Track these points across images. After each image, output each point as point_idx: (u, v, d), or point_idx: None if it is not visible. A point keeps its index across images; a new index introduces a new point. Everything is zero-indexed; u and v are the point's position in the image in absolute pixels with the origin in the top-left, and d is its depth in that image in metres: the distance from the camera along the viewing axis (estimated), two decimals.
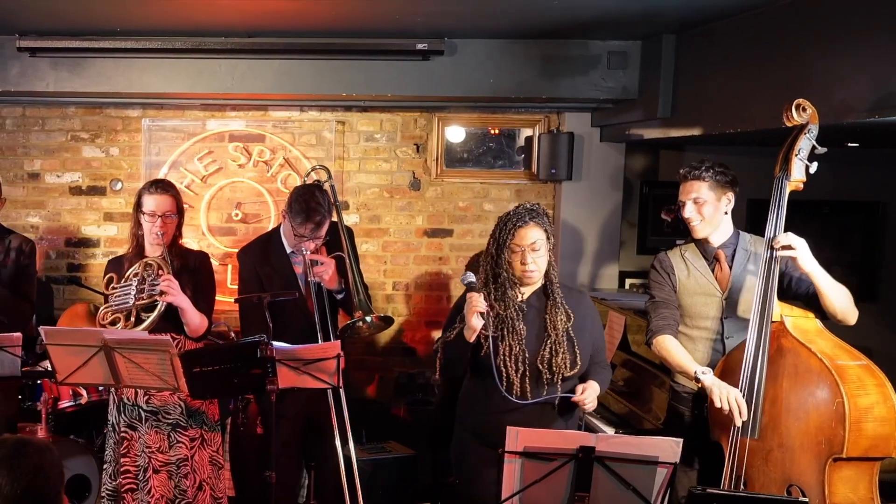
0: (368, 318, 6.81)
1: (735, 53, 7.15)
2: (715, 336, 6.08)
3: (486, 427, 5.74)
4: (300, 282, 7.00)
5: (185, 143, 9.76)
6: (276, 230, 7.19)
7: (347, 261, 6.74)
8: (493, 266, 5.74)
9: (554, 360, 5.60)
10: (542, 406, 5.68)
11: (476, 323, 5.45)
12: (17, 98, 9.37)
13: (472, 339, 5.51)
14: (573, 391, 5.68)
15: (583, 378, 5.81)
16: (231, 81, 8.66)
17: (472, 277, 5.61)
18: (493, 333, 5.56)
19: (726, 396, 5.47)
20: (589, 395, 5.61)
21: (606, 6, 7.05)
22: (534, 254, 5.61)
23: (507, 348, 5.60)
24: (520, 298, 5.75)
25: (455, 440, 6.10)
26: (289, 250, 7.01)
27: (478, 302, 5.46)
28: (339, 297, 6.87)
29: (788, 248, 5.47)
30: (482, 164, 10.00)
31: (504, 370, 5.58)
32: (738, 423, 5.42)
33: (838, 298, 5.58)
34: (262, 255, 7.15)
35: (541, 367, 5.61)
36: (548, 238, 5.71)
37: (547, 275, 5.78)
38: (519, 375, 5.58)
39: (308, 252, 6.74)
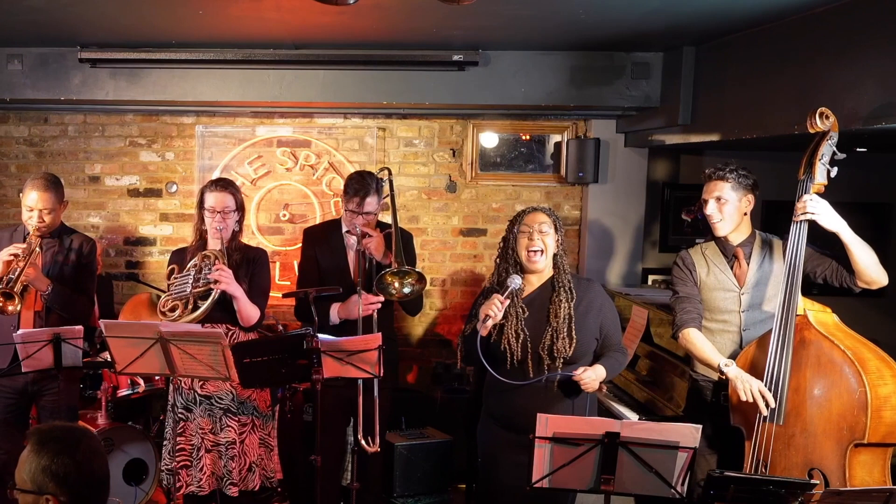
0: (408, 285, 6.80)
1: (751, 64, 7.16)
2: (734, 329, 6.09)
3: (499, 408, 5.90)
4: (349, 253, 7.14)
5: (236, 148, 9.81)
6: (340, 217, 7.32)
7: (394, 235, 6.78)
8: (503, 253, 5.87)
9: (554, 347, 5.65)
10: (546, 387, 5.75)
11: (487, 321, 5.54)
12: (78, 106, 9.46)
13: (484, 333, 5.60)
14: (570, 381, 5.73)
15: (595, 360, 5.86)
16: (279, 90, 8.71)
17: (516, 284, 5.67)
18: (500, 321, 5.64)
19: (750, 389, 5.50)
20: (588, 374, 5.61)
21: (631, 21, 7.06)
22: (541, 234, 5.71)
23: (511, 330, 5.68)
24: (527, 291, 5.84)
25: (480, 423, 6.16)
26: (345, 230, 7.12)
27: (495, 304, 5.55)
28: (381, 272, 6.89)
29: (809, 213, 5.49)
30: (514, 167, 10.01)
31: (507, 350, 5.67)
32: (766, 412, 5.42)
33: (864, 256, 5.59)
34: (321, 232, 7.38)
35: (542, 353, 5.67)
36: (556, 229, 5.79)
37: (556, 266, 5.85)
38: (520, 355, 5.67)
39: (360, 227, 6.84)
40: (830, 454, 5.25)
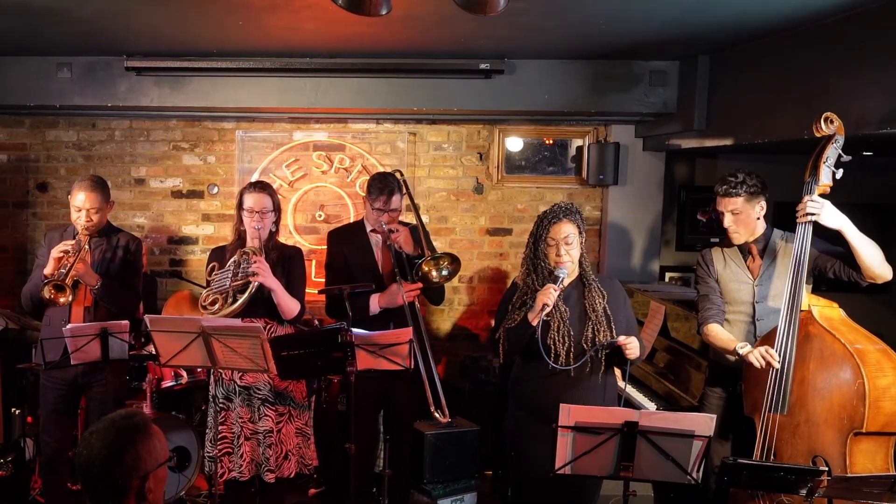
0: (445, 268, 6.83)
1: (763, 72, 7.18)
2: (748, 318, 6.19)
3: (537, 399, 5.80)
4: (375, 251, 7.13)
5: (274, 152, 9.88)
6: (362, 218, 7.29)
7: (420, 229, 6.81)
8: (532, 258, 5.80)
9: (597, 339, 5.64)
10: (586, 379, 5.71)
11: (545, 309, 5.46)
12: (124, 112, 9.50)
13: (536, 321, 5.53)
14: (613, 348, 5.67)
15: None
16: (315, 97, 8.76)
17: (564, 273, 5.66)
18: (544, 318, 5.60)
19: (758, 355, 5.56)
20: (632, 340, 5.58)
21: (648, 31, 7.09)
22: (567, 246, 5.66)
23: (555, 327, 5.64)
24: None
25: (509, 418, 6.12)
26: (369, 229, 7.12)
27: (551, 293, 5.51)
28: (417, 262, 6.90)
29: (810, 214, 5.55)
30: (538, 170, 10.05)
31: (553, 346, 5.62)
32: (776, 366, 5.48)
33: (868, 252, 5.63)
34: (347, 233, 7.35)
35: (585, 346, 5.65)
36: (580, 233, 5.75)
37: (581, 265, 5.83)
38: (565, 350, 5.61)
39: (385, 224, 6.88)
40: (832, 442, 5.29)
